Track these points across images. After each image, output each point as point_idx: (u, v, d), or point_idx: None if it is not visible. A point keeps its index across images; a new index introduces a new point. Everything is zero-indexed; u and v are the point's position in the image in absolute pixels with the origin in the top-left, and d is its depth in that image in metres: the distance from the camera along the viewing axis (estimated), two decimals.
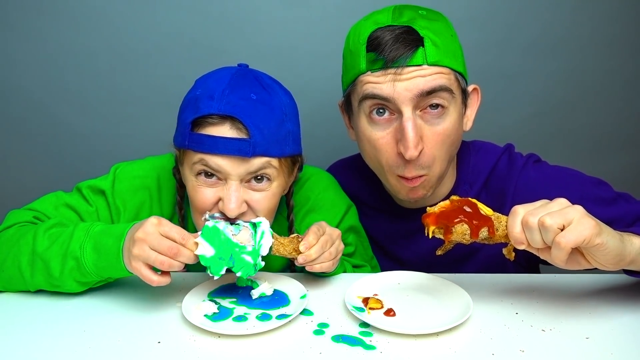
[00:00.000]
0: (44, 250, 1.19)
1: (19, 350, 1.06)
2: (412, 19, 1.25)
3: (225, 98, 1.19)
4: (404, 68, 1.22)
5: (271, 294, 1.25)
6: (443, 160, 1.32)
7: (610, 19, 2.16)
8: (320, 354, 1.03)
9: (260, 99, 1.22)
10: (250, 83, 1.24)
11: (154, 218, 1.11)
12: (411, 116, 1.24)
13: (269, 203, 1.27)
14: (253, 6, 2.07)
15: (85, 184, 1.42)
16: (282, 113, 1.25)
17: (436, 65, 1.24)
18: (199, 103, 1.21)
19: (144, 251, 1.09)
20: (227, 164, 1.20)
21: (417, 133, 1.24)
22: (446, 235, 1.09)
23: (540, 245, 1.01)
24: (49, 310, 1.20)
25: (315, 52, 2.12)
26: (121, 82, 2.12)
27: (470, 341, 1.07)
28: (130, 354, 1.04)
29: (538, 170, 1.43)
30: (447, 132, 1.28)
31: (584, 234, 0.96)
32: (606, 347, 1.03)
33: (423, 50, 1.22)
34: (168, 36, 2.07)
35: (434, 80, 1.23)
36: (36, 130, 2.16)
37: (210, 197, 1.24)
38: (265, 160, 1.22)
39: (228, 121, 1.19)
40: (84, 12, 2.04)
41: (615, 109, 2.27)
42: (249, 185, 1.24)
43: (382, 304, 1.20)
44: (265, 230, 1.20)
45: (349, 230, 1.54)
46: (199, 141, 1.20)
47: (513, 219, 1.03)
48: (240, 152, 1.18)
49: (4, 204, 1.97)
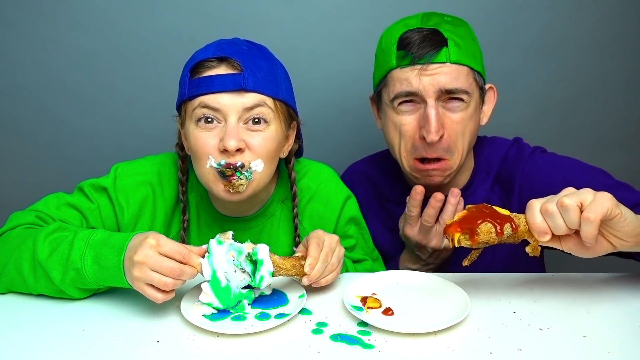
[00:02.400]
0: (44, 258, 1.19)
1: (18, 350, 1.06)
2: (438, 23, 1.41)
3: (220, 47, 1.33)
4: (429, 64, 1.37)
5: (270, 293, 1.25)
6: (462, 150, 1.45)
7: (610, 19, 2.15)
8: (319, 353, 1.03)
9: (252, 50, 1.35)
10: (243, 42, 1.39)
11: (152, 238, 1.10)
12: (434, 105, 1.38)
13: (266, 144, 1.32)
14: (253, 6, 2.07)
15: (86, 183, 1.43)
16: (272, 62, 1.37)
17: (458, 64, 1.39)
18: (195, 56, 1.35)
19: (146, 274, 1.08)
20: (225, 99, 1.28)
21: (438, 120, 1.38)
22: (472, 239, 1.10)
23: (564, 230, 1.04)
24: (48, 310, 1.21)
25: (315, 52, 2.12)
26: (121, 82, 2.12)
27: (468, 340, 1.07)
28: (129, 353, 1.04)
29: (545, 158, 1.53)
30: (465, 122, 1.42)
31: (606, 205, 1.01)
32: (603, 345, 1.03)
33: (447, 49, 1.38)
34: (168, 36, 2.07)
35: (455, 80, 1.38)
36: (36, 130, 2.16)
37: (211, 140, 1.29)
38: (260, 98, 1.30)
39: (224, 63, 1.31)
40: (84, 12, 2.04)
41: (615, 109, 2.26)
42: (247, 127, 1.31)
43: (380, 303, 1.20)
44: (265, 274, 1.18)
45: (350, 222, 1.56)
46: (197, 84, 1.30)
47: (531, 211, 1.08)
48: (234, 85, 1.27)
49: (4, 204, 1.98)
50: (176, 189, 1.47)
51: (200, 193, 1.49)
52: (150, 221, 1.45)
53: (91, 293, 1.24)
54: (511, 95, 2.21)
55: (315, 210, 1.53)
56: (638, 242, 1.08)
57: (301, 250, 1.27)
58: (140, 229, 1.43)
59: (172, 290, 1.12)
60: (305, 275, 1.21)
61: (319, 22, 2.10)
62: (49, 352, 1.05)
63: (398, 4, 2.00)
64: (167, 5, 2.05)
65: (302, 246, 1.29)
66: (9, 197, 2.17)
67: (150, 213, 1.45)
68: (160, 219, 1.46)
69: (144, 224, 1.45)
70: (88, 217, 1.40)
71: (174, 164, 1.49)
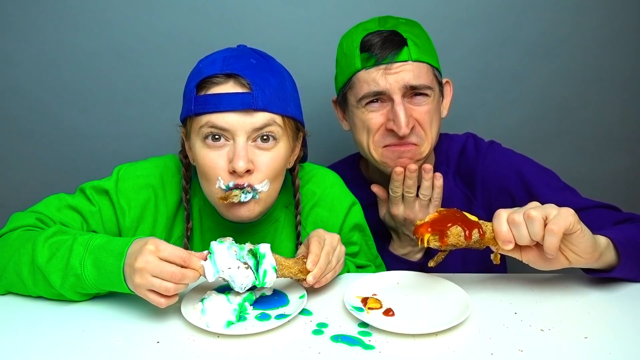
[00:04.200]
0: (43, 263, 1.18)
1: (18, 350, 1.06)
2: (395, 25, 1.50)
3: (227, 61, 1.28)
4: (393, 64, 1.45)
5: (270, 294, 1.25)
6: (431, 139, 1.53)
7: (610, 19, 2.15)
8: (319, 353, 1.03)
9: (260, 63, 1.31)
10: (249, 53, 1.33)
11: (151, 244, 1.09)
12: (401, 101, 1.46)
13: (275, 164, 1.30)
14: (253, 6, 2.07)
15: (88, 185, 1.42)
16: (281, 75, 1.33)
17: (418, 62, 1.47)
18: (202, 69, 1.29)
19: (147, 280, 1.08)
20: (233, 119, 1.24)
21: (407, 114, 1.46)
22: (442, 240, 1.14)
23: (527, 240, 1.10)
24: (48, 311, 1.21)
25: (315, 52, 2.11)
26: (121, 82, 2.11)
27: (469, 341, 1.07)
28: (130, 354, 1.04)
29: (501, 153, 1.63)
30: (431, 114, 1.50)
31: (569, 219, 1.07)
32: (604, 346, 1.03)
33: (407, 49, 1.46)
34: (168, 36, 2.07)
35: (418, 77, 1.46)
36: (36, 130, 2.16)
37: (220, 160, 1.27)
38: (270, 117, 1.27)
39: (231, 79, 1.26)
40: (84, 12, 2.04)
41: (615, 109, 2.26)
42: (255, 145, 1.28)
43: (381, 303, 1.20)
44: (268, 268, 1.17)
45: (354, 228, 1.55)
46: (204, 102, 1.26)
47: (499, 220, 1.13)
48: (243, 104, 1.23)
49: (4, 204, 1.99)
50: (179, 193, 1.46)
51: (203, 198, 1.46)
52: (151, 225, 1.44)
53: (91, 297, 1.24)
54: (511, 95, 2.21)
55: (320, 215, 1.52)
56: (592, 259, 1.15)
57: (302, 251, 1.26)
58: (141, 233, 1.42)
59: (176, 294, 1.12)
60: (308, 274, 1.20)
61: (319, 22, 2.10)
62: (49, 353, 1.05)
63: (398, 4, 2.00)
64: (167, 6, 2.05)
65: (303, 247, 1.28)
66: (9, 197, 2.17)
67: (152, 217, 1.44)
68: (162, 223, 1.45)
69: (145, 228, 1.43)
70: (89, 220, 1.38)
71: (177, 167, 1.48)
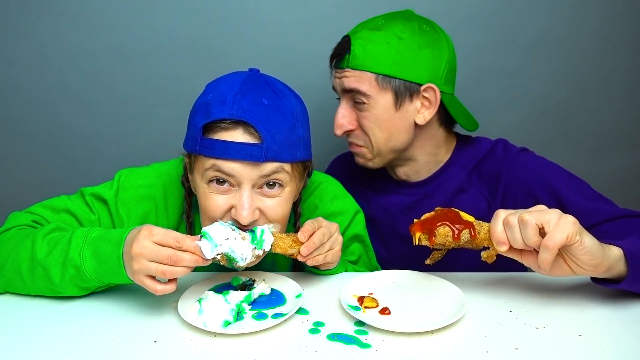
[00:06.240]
0: (43, 257, 1.19)
1: (16, 350, 1.06)
2: (357, 30, 1.52)
3: (237, 103, 1.18)
4: (336, 68, 1.55)
5: (268, 293, 1.25)
6: (377, 141, 1.53)
7: (610, 19, 2.15)
8: (316, 352, 1.04)
9: (272, 104, 1.21)
10: (262, 88, 1.24)
11: (145, 229, 1.10)
12: (343, 104, 1.55)
13: (281, 209, 1.26)
14: (253, 7, 2.07)
15: (89, 191, 1.40)
16: (293, 118, 1.25)
17: (356, 69, 1.48)
18: (210, 108, 1.20)
19: (144, 265, 1.08)
20: (240, 169, 1.18)
21: (342, 116, 1.54)
22: (430, 239, 1.15)
23: (520, 244, 1.07)
24: (45, 310, 1.21)
25: (316, 53, 2.11)
26: (121, 82, 2.12)
27: (465, 339, 1.07)
28: (127, 353, 1.04)
29: (530, 159, 1.57)
30: (370, 119, 1.51)
31: (567, 231, 1.02)
32: (599, 344, 1.04)
33: (348, 56, 1.49)
34: (168, 36, 2.08)
35: (351, 82, 1.49)
36: (36, 130, 2.16)
37: (222, 204, 1.22)
38: (278, 165, 1.21)
39: (240, 126, 1.18)
40: (84, 12, 2.05)
41: (615, 109, 2.26)
42: (261, 192, 1.23)
43: (377, 302, 1.21)
44: (265, 229, 1.20)
45: (354, 239, 1.54)
46: (211, 146, 1.18)
47: (495, 220, 1.11)
48: (252, 157, 1.17)
49: (4, 204, 1.99)
50: (181, 207, 1.44)
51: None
52: None
53: (90, 291, 1.24)
54: (511, 95, 2.21)
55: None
56: (597, 271, 1.10)
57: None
58: None
59: (173, 282, 1.12)
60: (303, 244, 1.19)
61: (319, 22, 2.10)
62: (46, 351, 1.05)
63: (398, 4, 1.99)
64: (167, 6, 2.06)
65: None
66: (9, 197, 2.18)
67: None
68: None
69: None
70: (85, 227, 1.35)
71: (180, 176, 1.44)
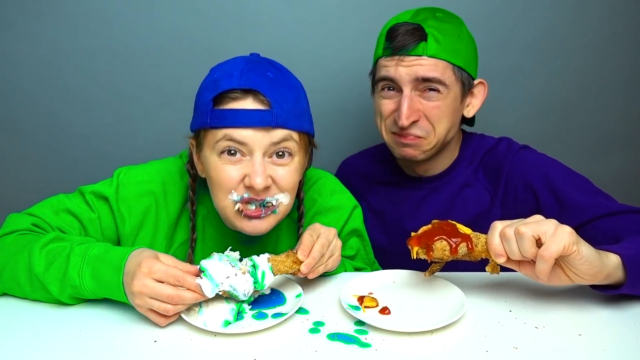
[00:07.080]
0: (41, 272, 1.18)
1: (16, 350, 1.06)
2: (424, 19, 1.51)
3: (244, 75, 1.25)
4: (406, 56, 1.48)
5: (268, 292, 1.25)
6: (439, 134, 1.54)
7: (610, 19, 2.15)
8: (316, 352, 1.04)
9: (277, 77, 1.28)
10: (265, 65, 1.30)
11: (144, 266, 1.08)
12: (408, 94, 1.50)
13: (291, 178, 1.30)
14: (253, 7, 2.07)
15: (88, 189, 1.40)
16: (297, 90, 1.32)
17: (435, 58, 1.47)
18: (218, 82, 1.26)
19: (146, 301, 1.08)
20: (252, 136, 1.23)
21: (410, 107, 1.49)
22: (428, 254, 1.15)
23: (518, 255, 1.07)
24: (45, 310, 1.21)
25: (315, 52, 2.12)
26: (121, 82, 2.12)
27: (465, 338, 1.07)
28: (127, 352, 1.04)
29: (532, 154, 1.61)
30: (442, 110, 1.52)
31: (563, 241, 1.02)
32: (598, 343, 1.04)
33: (425, 44, 1.47)
34: (168, 36, 2.08)
35: (431, 71, 1.47)
36: (36, 130, 2.16)
37: (235, 175, 1.26)
38: (287, 133, 1.26)
39: (250, 95, 1.23)
40: (84, 13, 2.05)
41: (615, 109, 2.26)
42: (272, 161, 1.27)
43: (377, 302, 1.21)
44: (265, 269, 1.17)
45: (352, 234, 1.55)
46: (222, 116, 1.23)
47: (492, 232, 1.11)
48: (263, 122, 1.22)
49: (3, 204, 2.00)
50: (181, 199, 1.44)
51: (207, 206, 1.45)
52: (152, 233, 1.43)
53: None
54: (511, 95, 2.21)
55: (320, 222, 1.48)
56: (595, 280, 1.09)
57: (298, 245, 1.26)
58: (141, 240, 1.41)
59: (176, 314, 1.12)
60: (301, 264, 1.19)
61: (319, 22, 2.10)
62: (46, 352, 1.05)
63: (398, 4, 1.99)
64: (167, 5, 2.06)
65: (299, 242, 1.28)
66: (9, 197, 2.18)
67: (152, 224, 1.42)
68: (163, 230, 1.43)
69: (145, 235, 1.42)
70: (87, 227, 1.37)
71: (179, 172, 1.46)
